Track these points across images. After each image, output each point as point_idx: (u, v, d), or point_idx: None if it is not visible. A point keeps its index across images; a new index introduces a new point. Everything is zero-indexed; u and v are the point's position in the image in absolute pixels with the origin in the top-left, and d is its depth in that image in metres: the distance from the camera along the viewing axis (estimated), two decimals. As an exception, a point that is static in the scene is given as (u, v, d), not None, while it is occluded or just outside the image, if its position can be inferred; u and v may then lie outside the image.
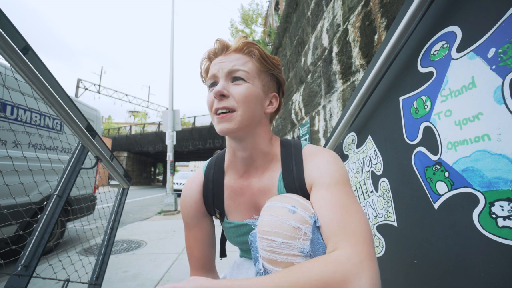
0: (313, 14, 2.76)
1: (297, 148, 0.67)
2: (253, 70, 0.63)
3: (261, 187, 0.66)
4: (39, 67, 0.88)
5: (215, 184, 0.71)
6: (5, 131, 2.51)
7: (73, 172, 1.15)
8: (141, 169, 28.73)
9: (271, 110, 0.67)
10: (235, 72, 0.61)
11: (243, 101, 0.59)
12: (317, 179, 0.58)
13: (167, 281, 2.05)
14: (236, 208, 0.69)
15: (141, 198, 11.42)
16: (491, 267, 0.57)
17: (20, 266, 0.92)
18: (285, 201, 0.53)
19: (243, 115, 0.59)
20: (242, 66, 0.62)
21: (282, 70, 0.71)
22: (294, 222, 0.49)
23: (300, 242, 0.48)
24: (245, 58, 0.63)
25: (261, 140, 0.65)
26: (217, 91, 0.59)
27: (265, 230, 0.50)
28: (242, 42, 0.64)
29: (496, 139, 0.56)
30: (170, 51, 7.62)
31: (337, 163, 0.60)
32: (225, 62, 0.62)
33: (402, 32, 0.80)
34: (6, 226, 2.26)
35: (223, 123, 0.59)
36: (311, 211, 0.52)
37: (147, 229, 4.24)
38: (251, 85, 0.61)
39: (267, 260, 0.50)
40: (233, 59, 0.62)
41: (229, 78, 0.62)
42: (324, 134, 2.41)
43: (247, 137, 0.63)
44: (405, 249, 0.84)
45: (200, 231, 0.72)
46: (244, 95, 0.60)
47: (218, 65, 0.63)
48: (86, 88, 17.62)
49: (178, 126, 6.83)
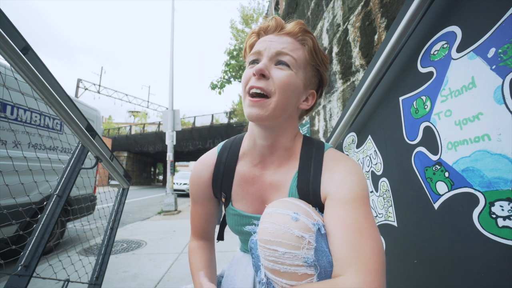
0: (313, 14, 2.76)
1: (319, 150, 0.62)
2: (301, 60, 0.59)
3: (272, 181, 0.63)
4: (39, 67, 0.88)
5: (227, 168, 0.68)
6: (5, 131, 2.51)
7: (73, 172, 1.15)
8: (141, 169, 28.73)
9: (305, 106, 0.63)
10: (283, 56, 0.57)
11: (283, 88, 0.55)
12: (334, 192, 0.53)
13: (167, 281, 2.05)
14: (243, 196, 0.67)
15: (141, 198, 11.42)
16: (491, 267, 0.57)
17: (20, 266, 0.92)
18: (287, 207, 0.50)
19: (278, 103, 0.55)
20: (292, 52, 0.57)
21: (328, 68, 0.68)
22: (298, 231, 0.46)
23: (304, 251, 0.45)
24: (297, 45, 0.59)
25: (286, 134, 0.62)
26: (258, 69, 0.55)
27: (266, 239, 0.48)
28: (299, 27, 0.59)
29: (496, 139, 0.56)
30: (170, 51, 7.62)
31: (359, 177, 0.55)
32: (275, 42, 0.58)
33: (402, 32, 0.80)
34: (6, 226, 2.26)
35: (254, 107, 0.55)
36: (314, 218, 0.49)
37: (147, 229, 4.24)
38: (295, 74, 0.57)
39: (270, 270, 0.48)
40: (284, 42, 0.58)
41: (274, 60, 0.57)
42: (324, 134, 2.41)
43: (273, 128, 0.60)
44: (405, 249, 0.84)
45: (203, 209, 0.73)
46: (286, 82, 0.56)
47: (267, 43, 0.58)
48: (86, 88, 17.62)
49: (178, 126, 6.84)
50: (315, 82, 0.65)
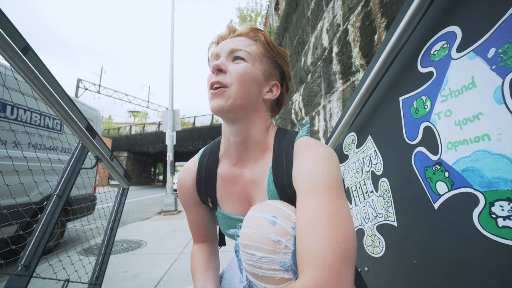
0: (313, 14, 2.76)
1: (290, 141, 0.62)
2: (255, 53, 0.62)
3: (252, 178, 0.64)
4: (39, 67, 0.88)
5: (208, 172, 0.69)
6: (5, 131, 2.51)
7: (73, 172, 1.15)
8: (141, 169, 28.74)
9: (270, 97, 0.64)
10: (237, 52, 0.61)
11: (239, 78, 0.58)
12: (299, 183, 0.53)
13: (167, 281, 2.05)
14: (228, 198, 0.67)
15: (141, 198, 11.43)
16: (491, 267, 0.57)
17: (20, 266, 0.92)
18: (266, 211, 0.50)
19: (237, 93, 0.58)
20: (244, 47, 0.62)
21: (288, 63, 0.69)
22: (274, 235, 0.46)
23: (280, 256, 0.45)
24: (250, 41, 0.63)
25: (256, 127, 0.63)
26: (214, 65, 0.59)
27: (245, 244, 0.48)
28: (249, 27, 0.65)
29: (496, 139, 0.56)
30: (170, 50, 7.62)
31: (324, 163, 0.52)
32: (229, 42, 0.63)
33: (402, 32, 0.80)
34: (6, 226, 2.26)
35: (215, 99, 0.58)
36: (293, 221, 0.48)
37: (147, 229, 4.24)
38: (250, 65, 0.61)
39: (250, 273, 0.49)
40: (237, 40, 0.63)
41: (230, 57, 0.62)
42: (324, 134, 2.41)
43: (240, 120, 0.61)
44: (405, 249, 0.84)
45: (196, 216, 0.74)
46: (241, 73, 0.59)
47: (223, 45, 0.63)
48: (86, 88, 17.63)
49: (178, 126, 6.83)
50: (276, 73, 0.67)
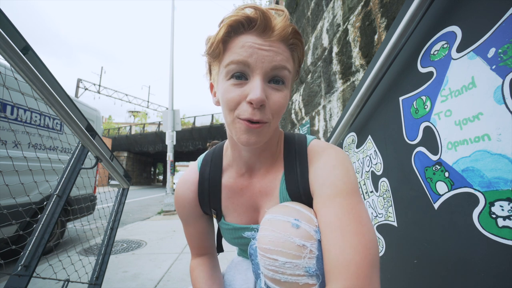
0: (313, 14, 2.76)
1: (301, 146, 0.59)
2: (293, 71, 0.51)
3: (262, 188, 0.61)
4: (39, 67, 0.88)
5: (212, 183, 0.65)
6: (5, 131, 2.51)
7: (73, 172, 1.15)
8: (141, 169, 28.73)
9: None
10: (279, 70, 0.47)
11: (280, 112, 0.49)
12: (318, 189, 0.51)
13: (167, 281, 2.05)
14: (234, 209, 0.64)
15: (141, 198, 11.42)
16: (491, 267, 0.57)
17: (20, 266, 0.92)
18: (287, 213, 0.48)
19: (273, 127, 0.51)
20: (287, 63, 0.48)
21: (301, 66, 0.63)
22: (299, 240, 0.44)
23: (305, 261, 0.43)
24: (289, 53, 0.49)
25: (272, 141, 0.60)
26: (258, 100, 0.44)
27: (266, 248, 0.46)
28: (292, 27, 0.47)
29: (496, 139, 0.56)
30: (170, 50, 7.62)
31: (343, 169, 0.51)
32: (267, 51, 0.46)
33: (402, 32, 0.80)
34: (6, 226, 2.26)
35: (253, 135, 0.48)
36: (315, 224, 0.47)
37: (147, 229, 4.24)
38: (288, 92, 0.50)
39: (270, 279, 0.46)
40: (278, 50, 0.47)
41: (268, 77, 0.47)
42: (324, 134, 2.41)
43: None
44: (405, 249, 0.84)
45: (196, 229, 0.70)
46: (283, 105, 0.49)
47: (257, 53, 0.45)
48: (86, 88, 17.64)
49: (178, 126, 6.84)
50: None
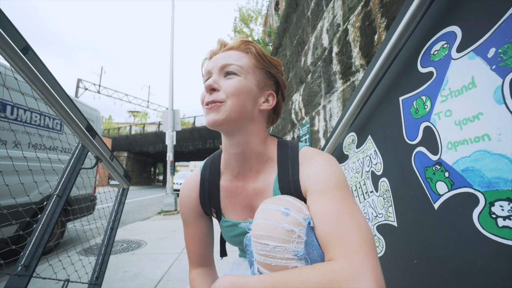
0: (313, 14, 2.76)
1: (294, 150, 0.65)
2: (248, 65, 0.62)
3: (256, 188, 0.65)
4: (39, 67, 0.88)
5: (211, 184, 0.71)
6: (5, 131, 2.51)
7: (73, 172, 1.15)
8: (141, 169, 28.73)
9: (266, 107, 0.65)
10: (228, 67, 0.61)
11: (233, 93, 0.59)
12: (312, 186, 0.56)
13: (167, 281, 2.06)
14: (232, 207, 0.69)
15: (141, 198, 11.42)
16: (491, 267, 0.57)
17: (20, 266, 0.92)
18: (278, 203, 0.52)
19: (232, 106, 0.58)
20: (236, 61, 0.61)
21: (282, 72, 0.70)
22: (288, 225, 0.48)
23: (294, 245, 0.47)
24: (241, 54, 0.63)
25: (254, 139, 0.64)
26: (207, 85, 0.59)
27: (258, 234, 0.50)
28: (240, 40, 0.64)
29: (496, 139, 0.56)
30: (170, 50, 7.62)
31: (332, 167, 0.58)
32: (220, 58, 0.63)
33: (402, 32, 0.80)
34: (6, 226, 2.26)
35: (210, 113, 0.59)
36: (304, 213, 0.51)
37: (147, 229, 4.24)
38: (243, 79, 0.61)
39: (262, 264, 0.49)
40: (228, 55, 0.62)
41: (222, 73, 0.62)
42: (324, 134, 2.41)
43: (238, 133, 0.62)
44: (405, 249, 0.84)
45: (197, 230, 0.74)
46: (235, 87, 0.59)
47: (213, 61, 0.63)
48: (86, 88, 17.64)
49: (178, 126, 6.83)
50: (270, 83, 0.68)
